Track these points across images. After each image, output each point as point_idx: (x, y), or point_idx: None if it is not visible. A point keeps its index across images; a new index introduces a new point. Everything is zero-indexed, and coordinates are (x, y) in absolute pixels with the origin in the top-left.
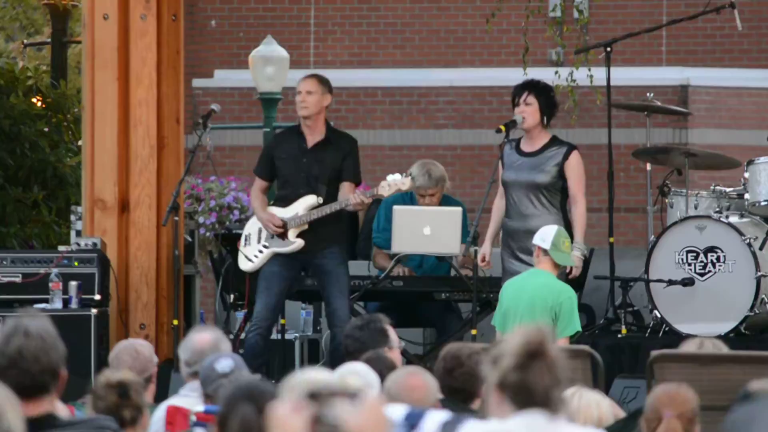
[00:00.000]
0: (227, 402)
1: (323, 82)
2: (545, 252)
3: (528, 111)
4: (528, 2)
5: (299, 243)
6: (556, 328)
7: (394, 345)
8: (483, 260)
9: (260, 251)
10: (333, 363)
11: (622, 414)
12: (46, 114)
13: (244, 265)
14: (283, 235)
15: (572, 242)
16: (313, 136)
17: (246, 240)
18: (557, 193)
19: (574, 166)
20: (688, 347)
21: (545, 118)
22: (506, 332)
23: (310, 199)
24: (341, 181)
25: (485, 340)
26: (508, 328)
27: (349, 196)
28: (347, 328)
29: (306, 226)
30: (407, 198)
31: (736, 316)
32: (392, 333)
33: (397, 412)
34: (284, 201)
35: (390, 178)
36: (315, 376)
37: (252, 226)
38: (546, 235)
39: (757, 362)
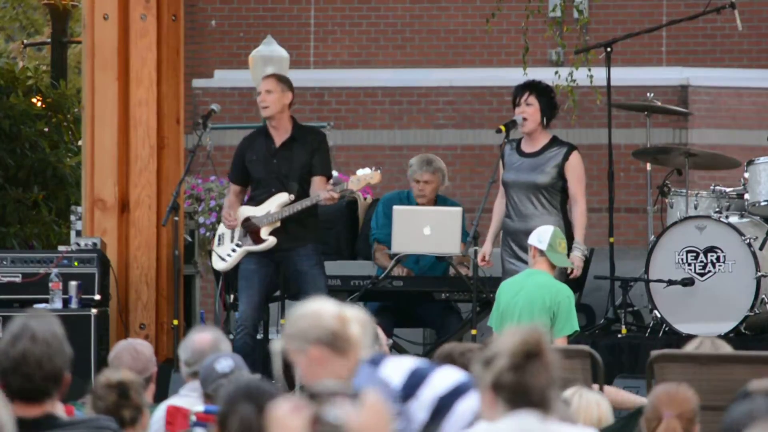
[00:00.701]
0: (227, 402)
1: (282, 80)
2: (541, 252)
3: (529, 111)
4: (528, 2)
5: (272, 240)
6: (554, 327)
7: (382, 343)
8: (483, 259)
9: (233, 250)
10: None
11: (632, 398)
12: (46, 114)
13: (218, 264)
14: (255, 234)
15: (573, 242)
16: (280, 135)
17: (219, 240)
18: (557, 193)
19: (575, 167)
20: (688, 347)
21: (545, 119)
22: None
23: (282, 197)
24: (312, 176)
25: (486, 339)
26: (505, 329)
27: (320, 191)
28: None
29: (278, 224)
30: (404, 197)
31: (736, 316)
32: (380, 331)
33: (399, 374)
34: (257, 201)
35: (359, 172)
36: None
37: (224, 226)
38: (542, 235)
39: (757, 362)
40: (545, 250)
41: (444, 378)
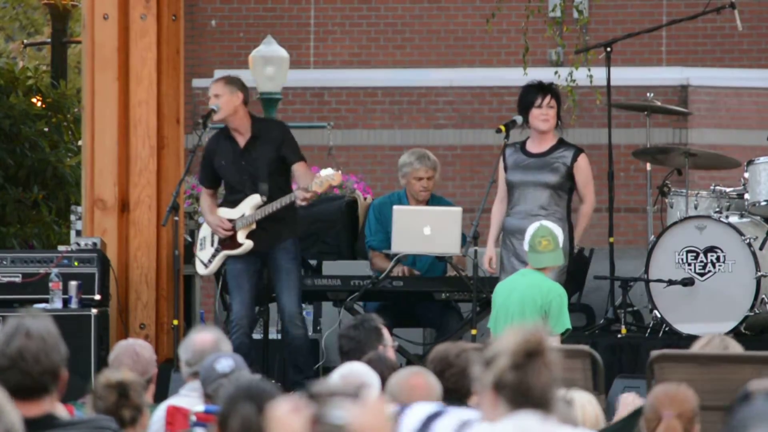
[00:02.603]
0: (227, 402)
1: (230, 81)
2: None
3: (551, 114)
4: (528, 2)
5: (248, 245)
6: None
7: (388, 343)
8: (489, 264)
9: (213, 255)
10: (290, 358)
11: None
12: (46, 114)
13: (200, 269)
14: (232, 238)
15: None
16: (243, 135)
17: (201, 244)
18: (564, 193)
19: (583, 169)
20: (696, 344)
21: (560, 121)
22: (498, 333)
23: (255, 199)
24: (288, 167)
25: (485, 340)
26: (500, 329)
27: (296, 192)
28: (342, 329)
29: (254, 226)
30: (395, 199)
31: (736, 316)
32: (386, 332)
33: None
34: (232, 203)
35: (323, 172)
36: None
37: (206, 230)
38: (526, 235)
39: (757, 362)
40: (527, 251)
41: (424, 405)
